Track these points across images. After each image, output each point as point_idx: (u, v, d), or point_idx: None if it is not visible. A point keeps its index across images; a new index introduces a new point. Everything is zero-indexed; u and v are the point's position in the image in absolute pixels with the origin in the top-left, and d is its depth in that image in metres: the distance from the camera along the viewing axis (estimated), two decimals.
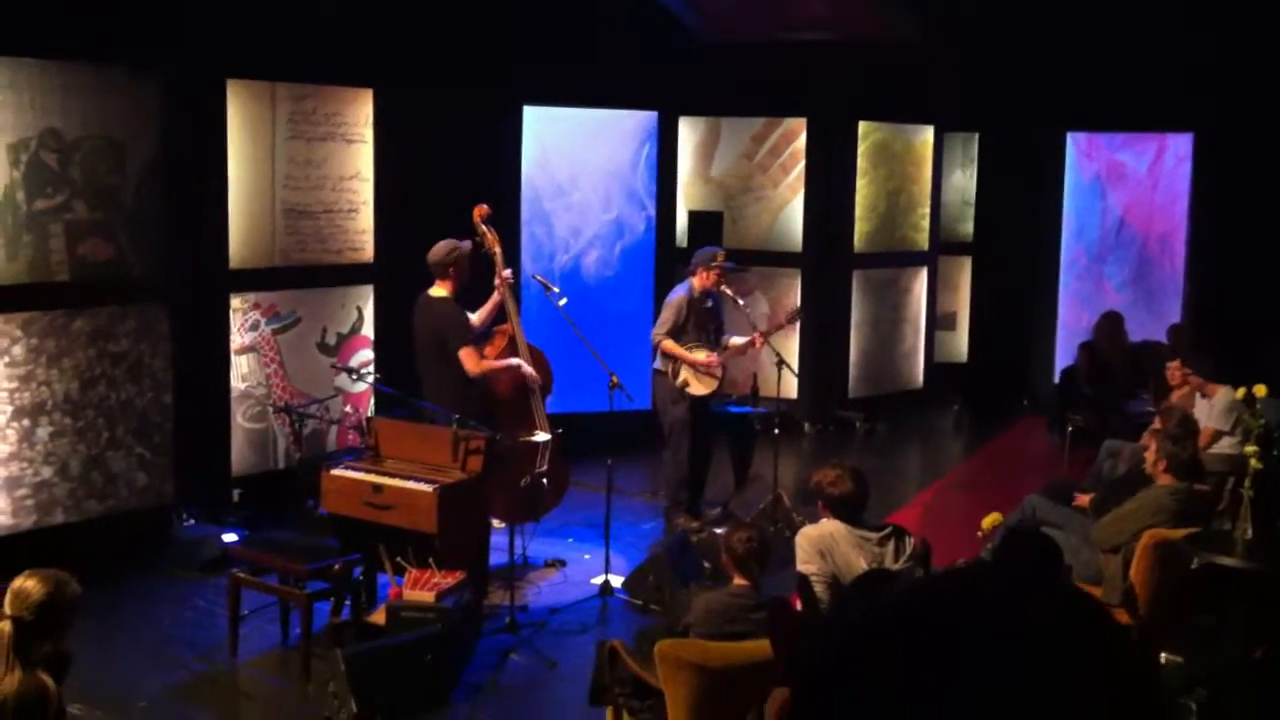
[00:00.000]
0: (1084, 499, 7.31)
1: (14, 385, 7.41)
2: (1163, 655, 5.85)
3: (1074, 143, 12.74)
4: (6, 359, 7.37)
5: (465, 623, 6.30)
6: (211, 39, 8.20)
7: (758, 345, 8.67)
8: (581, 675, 5.66)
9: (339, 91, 9.13)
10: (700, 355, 8.46)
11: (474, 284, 7.71)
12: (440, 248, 7.49)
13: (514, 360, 7.70)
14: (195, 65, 8.19)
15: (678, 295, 8.62)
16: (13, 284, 7.36)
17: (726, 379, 9.15)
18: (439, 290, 7.48)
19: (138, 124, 7.89)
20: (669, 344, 8.47)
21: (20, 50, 7.30)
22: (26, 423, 7.48)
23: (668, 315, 8.55)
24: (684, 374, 8.48)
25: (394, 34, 9.31)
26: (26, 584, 4.16)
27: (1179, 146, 12.31)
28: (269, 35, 8.50)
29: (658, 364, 8.64)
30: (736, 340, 8.66)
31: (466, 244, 7.57)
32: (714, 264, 8.49)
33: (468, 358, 7.37)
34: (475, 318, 7.72)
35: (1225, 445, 7.83)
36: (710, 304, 8.61)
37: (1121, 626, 5.77)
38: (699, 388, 8.49)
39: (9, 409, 7.40)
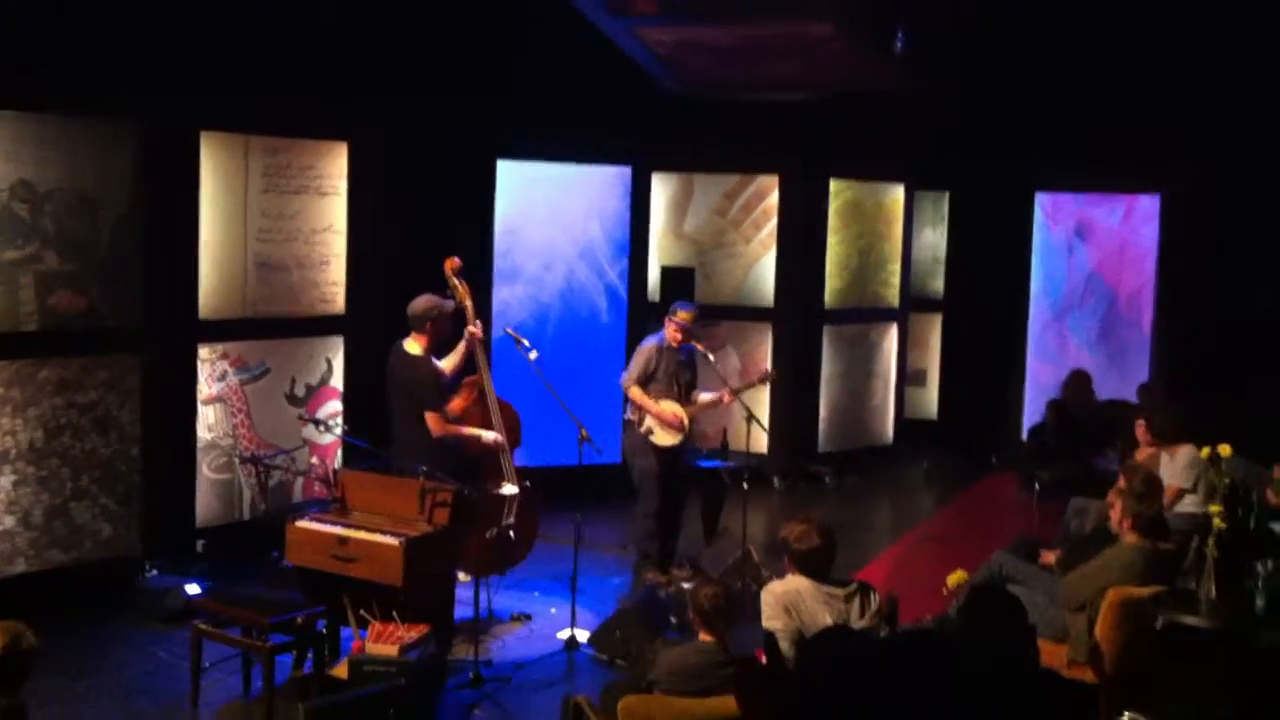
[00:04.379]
0: (1050, 556, 7.33)
1: None
2: (1127, 714, 5.85)
3: (1040, 203, 12.88)
4: None
5: (428, 677, 6.26)
6: (185, 91, 8.21)
7: (725, 402, 8.69)
8: None
9: (314, 144, 9.16)
10: (665, 407, 8.47)
11: (447, 336, 7.72)
12: (422, 301, 7.50)
13: (474, 430, 7.70)
14: (168, 117, 8.20)
15: (649, 344, 8.65)
16: None
17: (696, 432, 9.15)
18: (413, 345, 7.48)
19: (110, 175, 7.91)
20: (635, 391, 8.49)
21: None
22: None
23: (637, 361, 8.58)
24: (648, 422, 8.49)
25: (369, 88, 9.36)
26: None
27: (1147, 205, 12.46)
28: (243, 88, 8.53)
29: (628, 414, 8.65)
30: (705, 396, 8.68)
31: (450, 303, 7.60)
32: (672, 319, 8.52)
33: (433, 421, 7.38)
34: (445, 364, 7.71)
35: (1189, 504, 7.88)
36: (684, 357, 8.63)
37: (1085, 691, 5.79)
38: (663, 438, 8.49)
39: None
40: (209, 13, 8.28)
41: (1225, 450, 7.55)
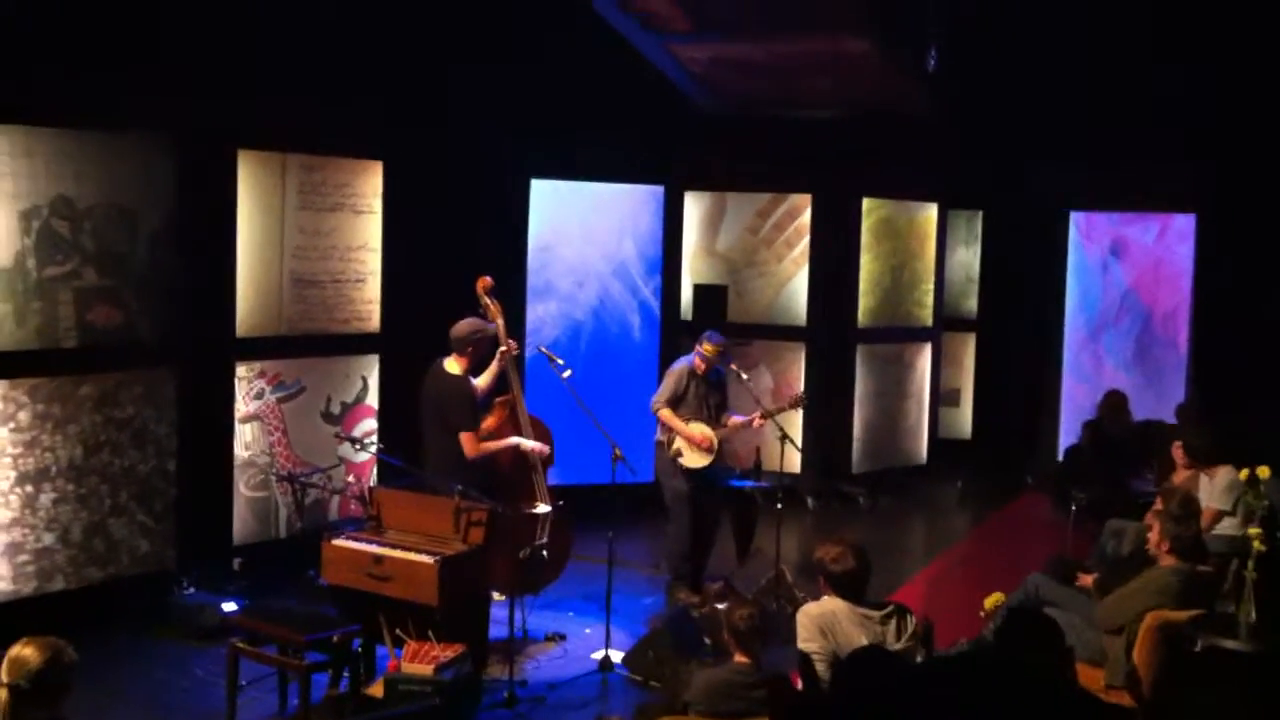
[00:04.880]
0: (1087, 579, 7.27)
1: (18, 451, 7.44)
2: None
3: (1075, 223, 12.83)
4: (12, 424, 7.40)
5: (463, 697, 6.26)
6: (222, 110, 8.29)
7: (757, 425, 8.68)
8: None
9: (349, 163, 9.23)
10: (695, 429, 8.47)
11: (482, 357, 7.75)
12: (465, 325, 7.55)
13: (513, 440, 7.73)
14: (206, 135, 8.28)
15: (680, 365, 8.67)
16: (21, 350, 7.40)
17: (729, 452, 9.14)
18: (453, 365, 7.54)
19: (148, 192, 7.98)
20: (666, 413, 8.50)
21: (33, 118, 7.40)
22: (30, 489, 7.49)
23: (668, 384, 8.60)
24: (678, 444, 8.50)
25: (404, 107, 9.42)
26: (24, 652, 4.15)
27: (1181, 224, 12.39)
28: (280, 107, 8.60)
29: (659, 435, 8.66)
30: (736, 419, 8.66)
31: (493, 327, 7.64)
32: (699, 348, 8.54)
33: (467, 442, 7.42)
34: (479, 383, 7.74)
35: (1227, 526, 7.81)
36: (714, 378, 8.64)
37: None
38: (692, 460, 8.49)
39: (13, 474, 7.42)
40: (247, 33, 8.35)
41: (1264, 472, 7.47)
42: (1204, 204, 12.07)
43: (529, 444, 7.78)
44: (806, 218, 11.78)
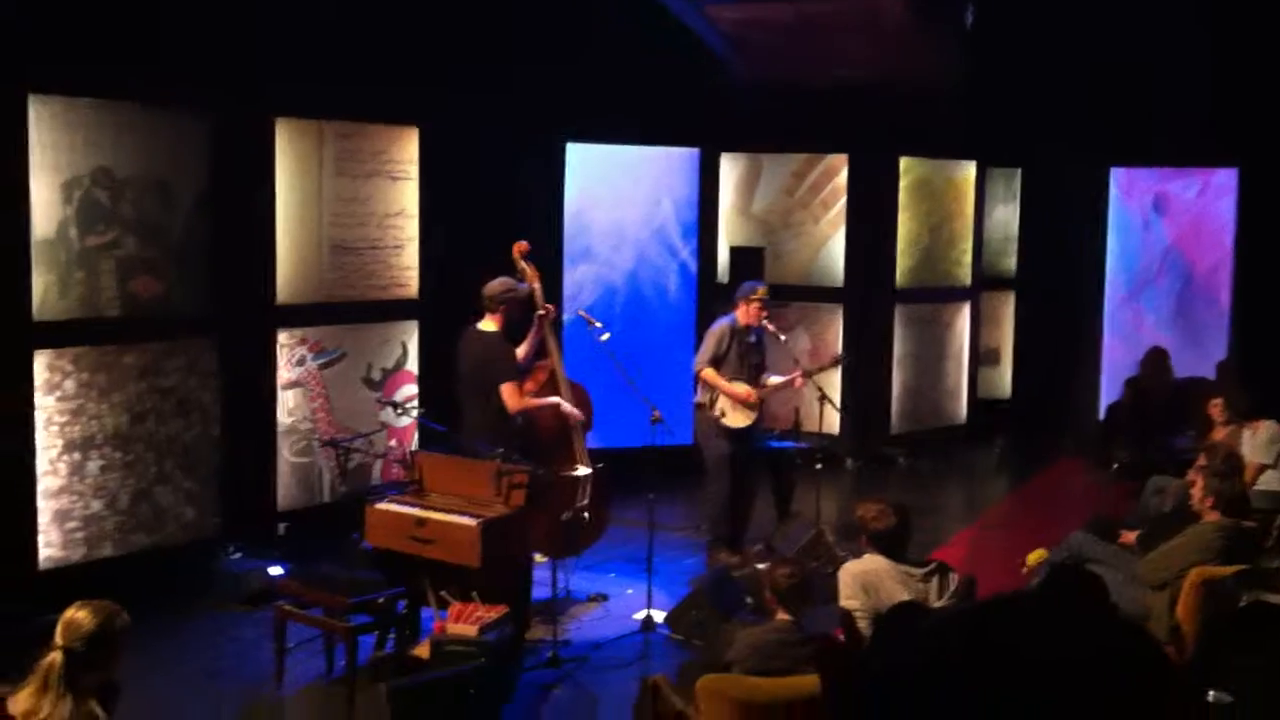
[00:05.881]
0: (1129, 536, 7.26)
1: (65, 419, 7.52)
2: (1210, 693, 5.78)
3: (1115, 179, 12.71)
4: (58, 393, 7.49)
5: (507, 657, 6.32)
6: (260, 78, 8.32)
7: (797, 385, 8.68)
8: (624, 711, 5.67)
9: (385, 130, 9.24)
10: (738, 386, 8.47)
11: (518, 322, 7.77)
12: (497, 283, 7.57)
13: (554, 399, 7.75)
14: (244, 104, 8.32)
15: (720, 325, 8.66)
16: (65, 319, 7.48)
17: (768, 414, 9.14)
18: (488, 324, 7.55)
19: (187, 162, 8.03)
20: (709, 372, 8.50)
21: (73, 90, 7.45)
22: (77, 456, 7.59)
23: (709, 344, 8.59)
24: (721, 404, 8.50)
25: (440, 73, 9.42)
26: (78, 615, 4.21)
27: (1223, 179, 12.24)
28: (316, 75, 8.62)
29: (698, 397, 8.66)
30: (775, 379, 8.66)
31: (525, 287, 7.65)
32: (753, 297, 8.50)
33: (509, 393, 7.42)
34: (518, 352, 7.77)
35: (1270, 480, 7.78)
36: (753, 339, 8.63)
37: (1171, 663, 5.73)
38: (735, 419, 8.49)
39: (60, 442, 7.51)
40: (284, 1, 8.36)
41: None
42: (1246, 158, 11.92)
43: (567, 406, 7.79)
44: (843, 178, 11.71)
